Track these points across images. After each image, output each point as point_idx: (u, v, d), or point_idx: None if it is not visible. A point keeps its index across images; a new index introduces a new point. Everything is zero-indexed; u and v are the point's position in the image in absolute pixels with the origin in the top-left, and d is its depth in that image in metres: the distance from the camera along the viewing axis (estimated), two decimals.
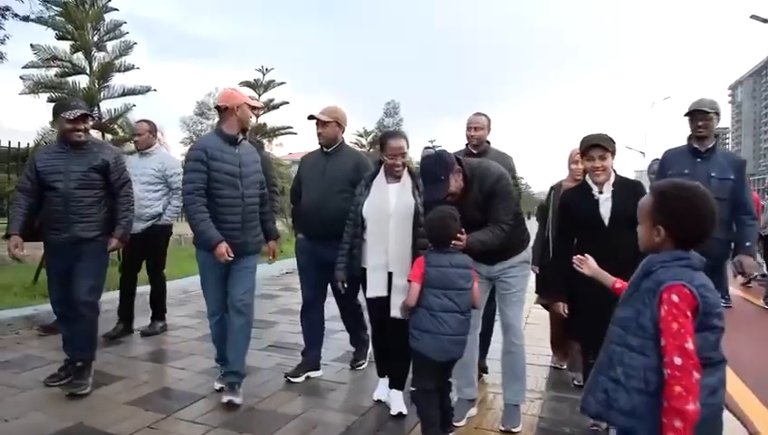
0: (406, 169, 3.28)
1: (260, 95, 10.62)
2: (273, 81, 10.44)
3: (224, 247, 3.15)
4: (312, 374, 3.77)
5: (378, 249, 3.16)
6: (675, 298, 1.50)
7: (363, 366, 3.92)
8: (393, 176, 3.25)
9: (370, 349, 3.80)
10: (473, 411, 3.23)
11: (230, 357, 3.34)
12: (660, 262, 1.62)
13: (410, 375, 2.96)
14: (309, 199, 3.72)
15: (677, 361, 1.45)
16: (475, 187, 2.90)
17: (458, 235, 2.72)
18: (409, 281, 2.81)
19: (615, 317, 1.71)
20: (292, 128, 10.86)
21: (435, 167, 2.84)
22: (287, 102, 10.74)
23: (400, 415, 3.17)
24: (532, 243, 3.41)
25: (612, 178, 2.90)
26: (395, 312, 3.07)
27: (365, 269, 3.24)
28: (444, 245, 2.74)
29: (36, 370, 3.70)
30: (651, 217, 1.68)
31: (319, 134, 3.72)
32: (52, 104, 6.16)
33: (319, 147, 3.80)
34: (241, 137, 3.38)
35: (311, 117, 3.76)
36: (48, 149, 3.57)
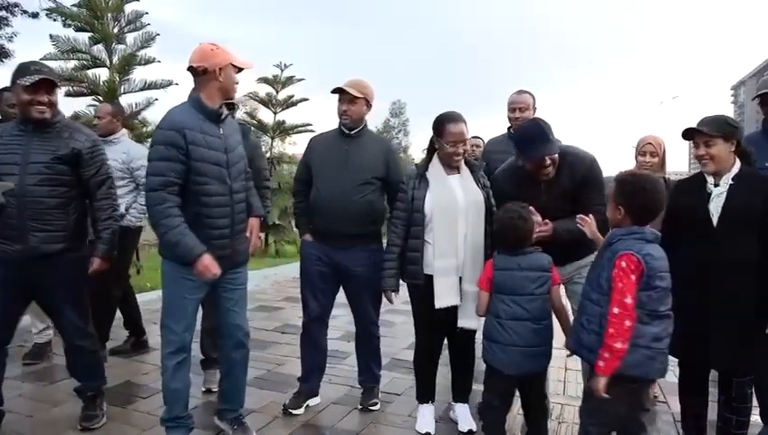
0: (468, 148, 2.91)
1: (278, 92, 10.36)
2: (293, 76, 10.14)
3: (208, 259, 2.37)
4: (311, 402, 3.21)
5: (447, 251, 2.76)
6: (623, 264, 1.99)
7: (377, 407, 3.20)
8: (450, 166, 2.87)
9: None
10: None
11: (231, 393, 2.75)
12: (619, 235, 2.10)
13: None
14: (326, 192, 3.02)
15: (616, 310, 1.97)
16: (566, 172, 2.59)
17: (540, 226, 2.45)
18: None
19: (587, 276, 2.22)
20: (311, 125, 10.54)
21: (543, 127, 2.56)
22: (307, 99, 10.44)
23: (470, 433, 2.89)
24: None
25: (735, 170, 2.44)
26: (464, 322, 2.75)
27: (427, 276, 2.81)
28: (512, 247, 2.47)
29: (66, 381, 3.38)
30: (614, 200, 2.13)
31: (344, 112, 3.05)
32: (70, 98, 6.09)
33: (337, 128, 3.14)
34: (225, 112, 2.57)
35: (336, 90, 3.08)
36: (3, 129, 2.69)
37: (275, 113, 10.37)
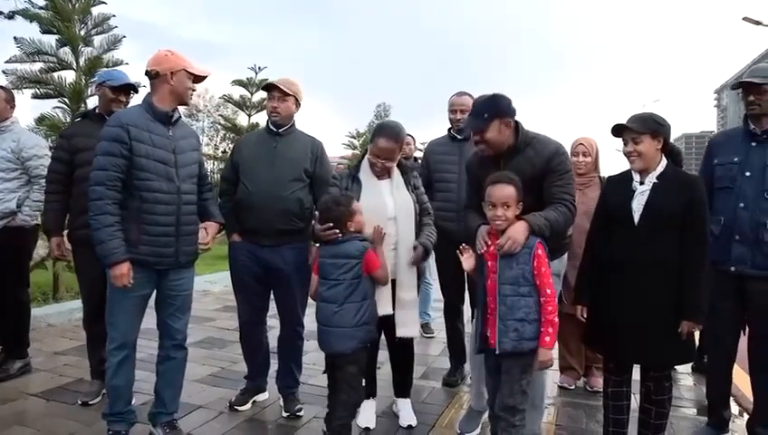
0: (395, 165, 2.89)
1: (252, 94, 10.40)
2: (266, 79, 10.16)
3: (126, 269, 2.43)
4: (258, 398, 3.28)
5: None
6: (540, 252, 2.31)
7: (303, 411, 3.13)
8: (377, 174, 2.87)
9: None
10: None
11: (167, 396, 2.73)
12: None
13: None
14: (256, 189, 2.99)
15: (548, 290, 2.28)
16: (530, 153, 2.55)
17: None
18: None
19: (502, 278, 2.33)
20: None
21: (483, 104, 2.57)
22: None
23: (410, 428, 2.99)
24: None
25: (661, 169, 2.47)
26: (402, 331, 2.79)
27: None
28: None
29: (18, 379, 3.47)
30: (518, 202, 2.37)
31: (274, 108, 3.06)
32: (36, 100, 6.12)
33: (266, 127, 3.18)
34: (177, 115, 2.66)
35: (268, 87, 3.12)
36: None
37: (249, 115, 10.43)
